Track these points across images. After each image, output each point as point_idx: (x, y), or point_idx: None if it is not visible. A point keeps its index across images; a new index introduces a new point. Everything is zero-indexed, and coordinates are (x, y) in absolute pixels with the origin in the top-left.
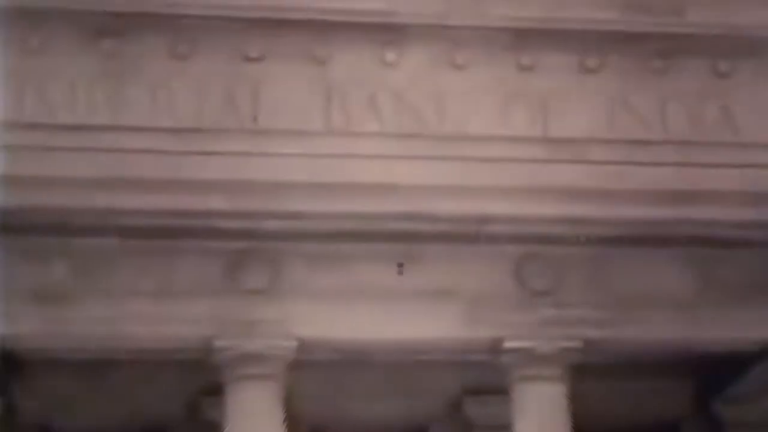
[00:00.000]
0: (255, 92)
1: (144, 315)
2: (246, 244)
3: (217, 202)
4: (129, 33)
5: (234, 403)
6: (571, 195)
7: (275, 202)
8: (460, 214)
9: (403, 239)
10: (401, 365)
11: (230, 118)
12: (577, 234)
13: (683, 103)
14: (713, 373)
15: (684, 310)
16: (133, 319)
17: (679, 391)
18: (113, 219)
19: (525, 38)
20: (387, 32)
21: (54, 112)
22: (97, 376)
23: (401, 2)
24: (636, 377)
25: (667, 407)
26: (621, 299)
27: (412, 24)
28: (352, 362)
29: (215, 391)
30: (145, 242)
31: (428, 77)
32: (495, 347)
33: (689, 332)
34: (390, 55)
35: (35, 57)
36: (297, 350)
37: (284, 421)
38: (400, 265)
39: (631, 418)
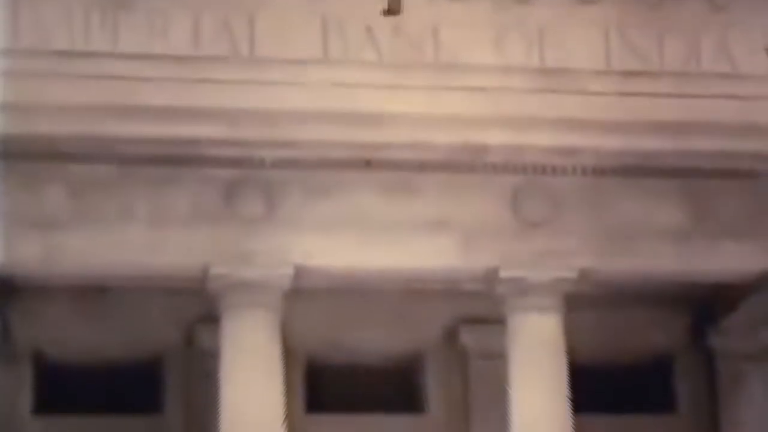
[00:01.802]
0: (251, 20)
1: (140, 242)
2: (242, 173)
3: (213, 130)
4: None
5: (230, 332)
6: (568, 126)
7: (272, 131)
8: (457, 144)
9: (400, 169)
10: (397, 294)
11: (227, 46)
12: (573, 164)
13: (680, 36)
14: (707, 304)
15: (679, 241)
16: (128, 247)
17: (674, 323)
18: (110, 147)
19: None
20: None
21: (50, 39)
22: (92, 304)
23: None
24: (630, 308)
25: (661, 338)
26: (616, 230)
27: None
28: (348, 291)
29: (211, 319)
30: (141, 170)
31: (425, 7)
32: (490, 277)
33: (684, 263)
34: None
35: None
36: (293, 279)
37: (280, 349)
38: None
39: (625, 349)
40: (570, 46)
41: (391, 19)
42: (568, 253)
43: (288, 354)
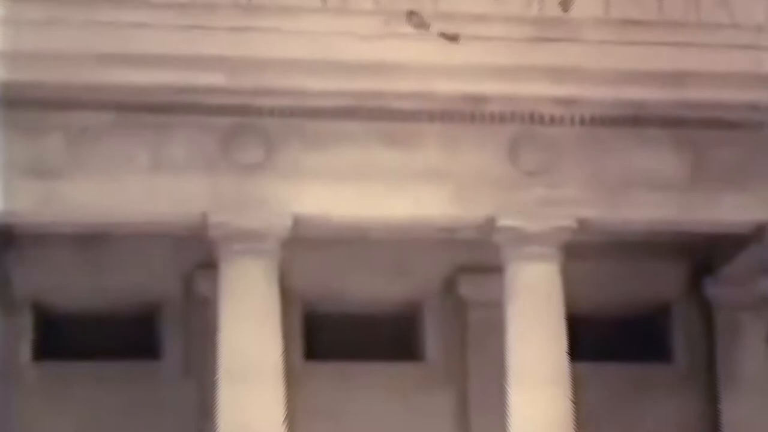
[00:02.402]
0: None
1: (138, 190)
2: (241, 121)
3: (212, 78)
4: None
5: (228, 279)
6: (566, 75)
7: (271, 79)
8: (455, 93)
9: (398, 118)
10: (395, 243)
11: None
12: (571, 114)
13: None
14: (705, 254)
15: (677, 191)
16: (127, 195)
17: (671, 272)
18: (108, 95)
19: None
20: None
21: None
22: (91, 251)
23: None
24: (627, 258)
25: (658, 288)
26: (614, 179)
27: None
28: (346, 240)
29: (210, 266)
30: (140, 118)
31: None
32: (488, 226)
33: (682, 213)
34: None
35: None
36: (292, 227)
37: (279, 297)
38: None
39: (622, 298)
40: None
41: None
42: (566, 203)
43: (286, 302)
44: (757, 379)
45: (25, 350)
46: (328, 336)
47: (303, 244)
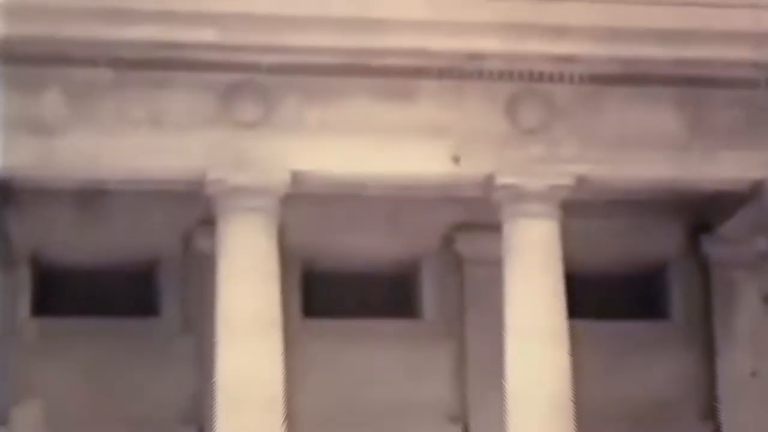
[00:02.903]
0: None
1: (136, 146)
2: (240, 77)
3: (211, 35)
4: None
5: (226, 236)
6: (565, 33)
7: (269, 36)
8: (454, 51)
9: (397, 75)
10: (394, 201)
11: None
12: (570, 72)
13: None
14: (703, 213)
15: (676, 149)
16: (125, 151)
17: (669, 231)
18: (107, 50)
19: None
20: None
21: None
22: (90, 207)
23: None
24: (626, 216)
25: (656, 246)
26: (613, 137)
27: None
28: (344, 197)
29: (209, 223)
30: (138, 74)
31: None
32: (486, 183)
33: (680, 171)
34: None
35: None
36: (290, 183)
37: (277, 253)
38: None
39: (620, 256)
40: None
41: None
42: (565, 161)
43: (284, 259)
44: (753, 337)
45: (24, 305)
46: (326, 293)
47: (301, 201)
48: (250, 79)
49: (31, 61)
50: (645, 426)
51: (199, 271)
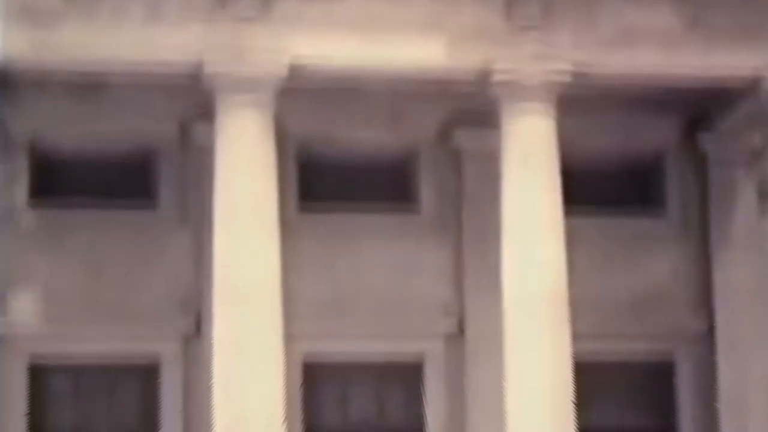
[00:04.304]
0: None
1: (134, 39)
2: None
3: None
4: None
5: (224, 129)
6: None
7: None
8: None
9: None
10: (392, 94)
11: None
12: None
13: None
14: (700, 109)
15: (673, 44)
16: (122, 43)
17: (666, 127)
18: None
19: None
20: None
21: None
22: (88, 97)
23: None
24: (623, 112)
25: (653, 142)
26: (610, 33)
27: None
28: (342, 90)
29: (207, 116)
30: None
31: None
32: (483, 78)
33: (677, 66)
34: None
35: None
36: (288, 76)
37: (274, 146)
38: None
39: (617, 153)
40: None
41: None
42: (560, 55)
43: (282, 152)
44: (748, 234)
45: (21, 194)
46: (323, 186)
47: (299, 95)
48: None
49: None
50: (639, 321)
51: (197, 164)
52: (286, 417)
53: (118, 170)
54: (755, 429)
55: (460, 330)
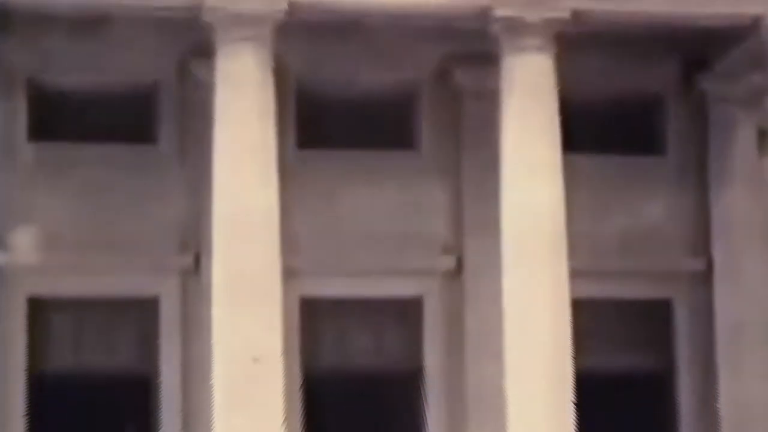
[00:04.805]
0: None
1: None
2: None
3: None
4: None
5: (223, 65)
6: None
7: None
8: None
9: None
10: (391, 30)
11: None
12: None
13: None
14: (700, 48)
15: None
16: None
17: (666, 66)
18: None
19: None
20: None
21: None
22: (88, 32)
23: None
24: (623, 51)
25: (653, 81)
26: None
27: None
28: (342, 29)
29: (207, 52)
30: None
31: None
32: (483, 15)
33: (677, 6)
34: None
35: None
36: (287, 12)
37: (273, 83)
38: None
39: (617, 92)
40: None
41: None
42: None
43: (281, 89)
44: (747, 173)
45: (21, 130)
46: (322, 125)
47: (298, 33)
48: None
49: None
50: (637, 260)
51: (196, 100)
52: (284, 353)
53: (118, 107)
54: (752, 367)
55: (459, 268)
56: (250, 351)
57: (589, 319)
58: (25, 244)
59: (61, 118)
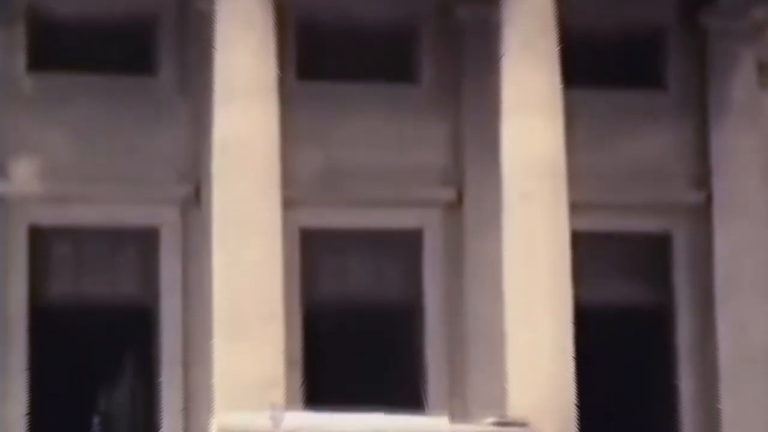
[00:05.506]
0: None
1: None
2: None
3: None
4: None
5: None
6: None
7: None
8: None
9: None
10: None
11: None
12: None
13: None
14: None
15: None
16: None
17: (667, 2)
18: None
19: None
20: None
21: None
22: None
23: None
24: None
25: (654, 14)
26: None
27: None
28: None
29: None
30: None
31: None
32: None
33: None
34: None
35: None
36: None
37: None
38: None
39: (618, 25)
40: None
41: None
42: None
43: (281, 19)
44: (746, 107)
45: (20, 60)
46: (322, 56)
47: None
48: None
49: None
50: (638, 193)
51: (197, 32)
52: (284, 285)
53: (118, 37)
54: (750, 300)
55: (459, 200)
56: (250, 281)
57: (589, 252)
58: (26, 173)
59: (61, 49)
